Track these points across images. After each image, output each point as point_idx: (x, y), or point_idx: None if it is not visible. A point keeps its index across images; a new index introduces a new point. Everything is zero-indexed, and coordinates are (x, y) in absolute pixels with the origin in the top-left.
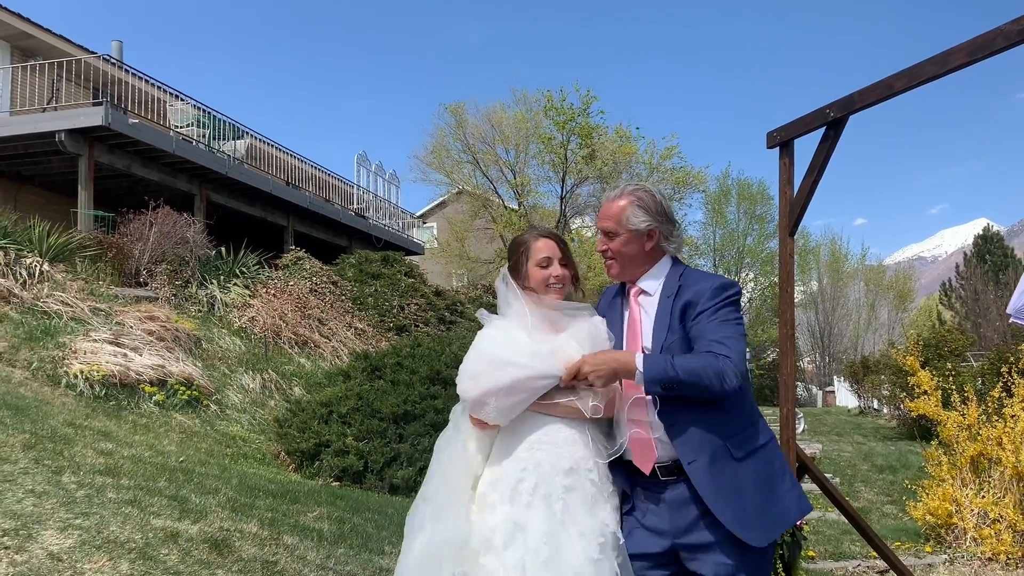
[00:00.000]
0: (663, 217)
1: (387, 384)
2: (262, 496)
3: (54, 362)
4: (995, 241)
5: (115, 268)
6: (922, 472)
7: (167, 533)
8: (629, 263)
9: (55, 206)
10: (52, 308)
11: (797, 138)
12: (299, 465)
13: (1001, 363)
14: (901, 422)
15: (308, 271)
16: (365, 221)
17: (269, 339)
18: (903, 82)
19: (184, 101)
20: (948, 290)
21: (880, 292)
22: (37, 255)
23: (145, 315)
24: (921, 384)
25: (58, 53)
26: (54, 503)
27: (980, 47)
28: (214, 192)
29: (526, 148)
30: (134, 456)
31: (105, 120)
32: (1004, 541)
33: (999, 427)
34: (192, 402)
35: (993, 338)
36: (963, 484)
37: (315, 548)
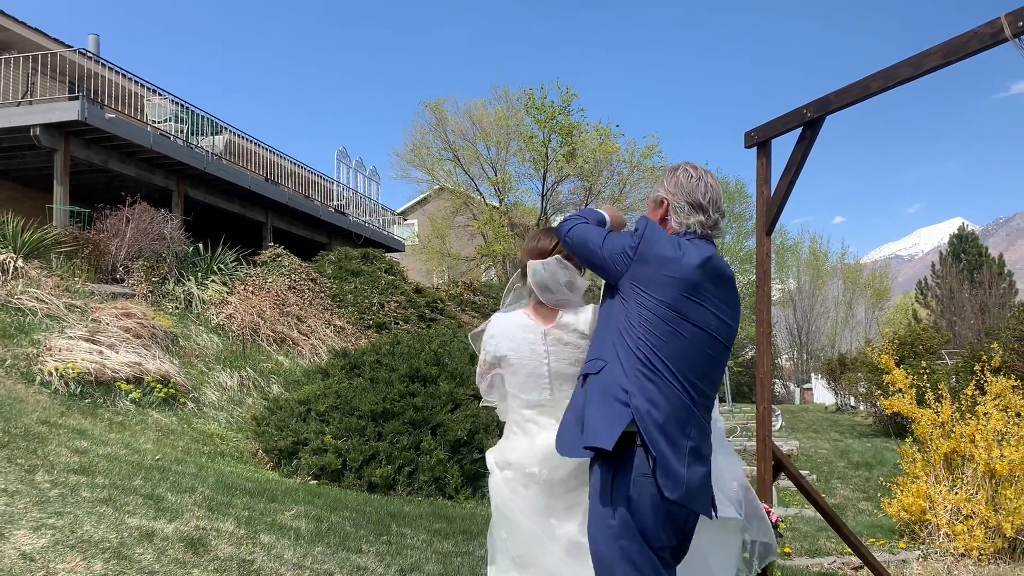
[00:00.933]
0: (676, 187)
1: (366, 382)
2: (239, 495)
3: (28, 359)
4: (970, 240)
5: (91, 264)
6: (897, 469)
7: (142, 532)
8: None
9: (30, 201)
10: (26, 305)
11: (774, 138)
12: (277, 463)
13: (975, 361)
14: (877, 419)
15: (287, 268)
16: (345, 218)
17: (247, 336)
18: (879, 83)
19: (162, 96)
20: (924, 289)
21: (857, 290)
22: (11, 251)
23: (121, 312)
24: (896, 382)
25: (33, 46)
26: (27, 502)
27: (955, 49)
28: (192, 188)
29: (507, 145)
30: (109, 455)
31: (81, 115)
32: (976, 537)
33: (972, 425)
34: (169, 400)
35: (967, 336)
36: (937, 481)
37: (292, 547)
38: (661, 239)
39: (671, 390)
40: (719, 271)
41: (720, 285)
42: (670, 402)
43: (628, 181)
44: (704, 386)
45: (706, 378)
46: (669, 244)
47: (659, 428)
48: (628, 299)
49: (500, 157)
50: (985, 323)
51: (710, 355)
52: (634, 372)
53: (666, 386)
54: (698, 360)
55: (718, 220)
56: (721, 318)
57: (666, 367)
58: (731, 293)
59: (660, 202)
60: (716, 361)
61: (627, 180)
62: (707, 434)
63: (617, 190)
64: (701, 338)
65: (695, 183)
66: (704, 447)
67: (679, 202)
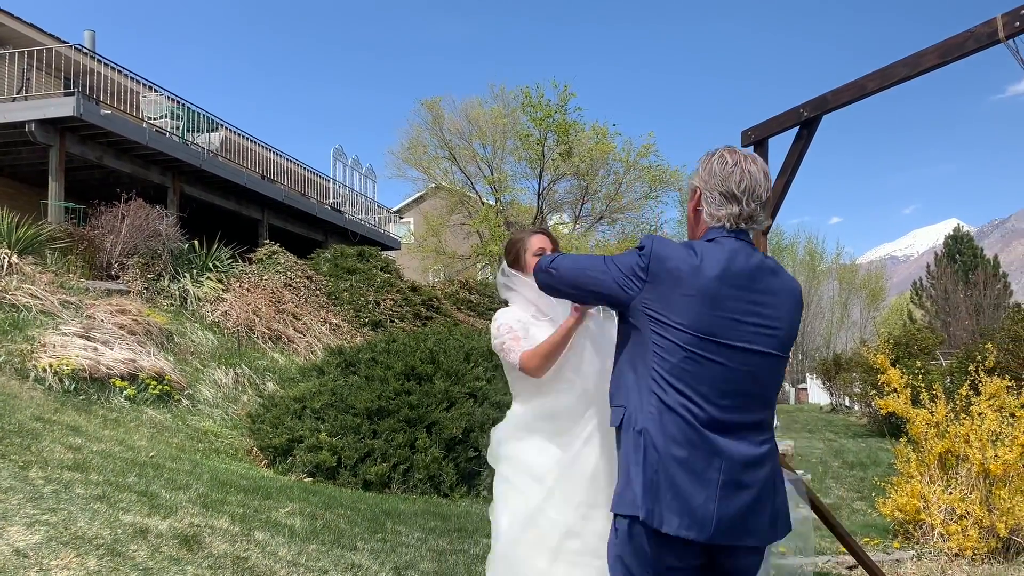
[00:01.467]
0: (709, 174)
1: (361, 380)
2: (234, 492)
3: (22, 356)
4: (965, 241)
5: (86, 261)
6: (891, 469)
7: (136, 529)
8: (689, 228)
9: (25, 197)
10: (21, 301)
11: (771, 137)
12: (271, 461)
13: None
14: (872, 419)
15: (283, 265)
16: (341, 216)
17: (242, 334)
18: (875, 83)
19: (158, 92)
20: (919, 289)
21: (853, 291)
22: (6, 247)
23: (116, 308)
24: (891, 382)
25: (29, 42)
26: (21, 499)
27: (951, 49)
28: (188, 185)
29: (503, 144)
30: (103, 451)
31: (77, 111)
32: (970, 537)
33: (967, 425)
34: (163, 397)
35: (962, 337)
36: (931, 481)
37: (287, 544)
38: (672, 253)
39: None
40: (748, 271)
41: (753, 287)
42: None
43: (624, 180)
44: (747, 405)
45: (749, 397)
46: (682, 256)
47: (681, 464)
48: (642, 328)
49: (496, 156)
50: (980, 324)
51: (750, 372)
52: (653, 409)
53: (692, 417)
54: (734, 381)
55: (755, 211)
56: (759, 325)
57: (690, 398)
58: (769, 292)
59: (693, 191)
60: (759, 376)
61: (623, 179)
62: (755, 458)
63: (613, 189)
64: (736, 357)
65: (729, 170)
66: (747, 475)
67: (711, 192)
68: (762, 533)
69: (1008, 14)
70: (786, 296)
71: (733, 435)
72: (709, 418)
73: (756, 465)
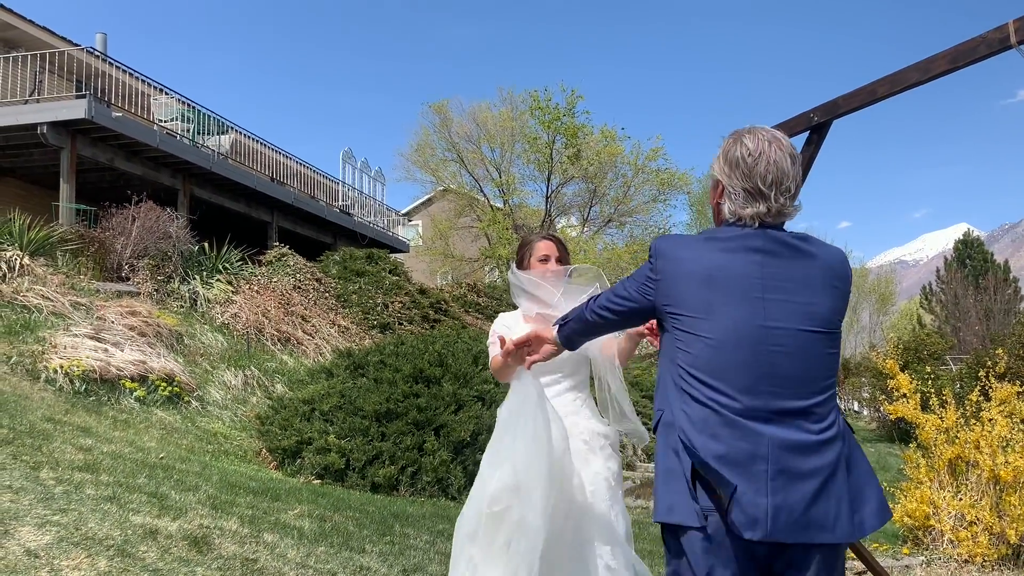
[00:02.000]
0: (732, 167)
1: (370, 382)
2: (243, 493)
3: (34, 357)
4: (975, 246)
5: (97, 263)
6: (901, 474)
7: (146, 530)
8: (716, 220)
9: (36, 199)
10: (32, 302)
11: None
12: (280, 463)
13: (979, 367)
14: (881, 424)
15: (292, 268)
16: (350, 218)
17: (252, 336)
18: (886, 88)
19: (168, 95)
20: (929, 294)
21: (862, 295)
22: (17, 248)
23: (126, 310)
24: (900, 387)
25: (41, 45)
26: (32, 499)
27: (963, 54)
28: (198, 187)
29: (512, 147)
30: (114, 452)
31: (88, 113)
32: (980, 543)
33: (976, 430)
34: (173, 398)
35: (972, 342)
36: (941, 487)
37: (295, 546)
38: (677, 244)
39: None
40: (767, 246)
41: (771, 263)
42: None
43: (632, 183)
44: (789, 388)
45: (788, 379)
46: (690, 244)
47: (720, 460)
48: (668, 328)
49: (504, 159)
50: (990, 329)
51: (783, 352)
52: (685, 406)
53: (724, 408)
54: (768, 364)
55: (784, 206)
56: (784, 300)
57: (720, 390)
58: (793, 267)
59: (716, 184)
60: (795, 356)
61: (631, 183)
62: (808, 445)
63: (621, 192)
64: (764, 338)
65: (752, 161)
66: (802, 463)
67: (734, 187)
68: (841, 527)
69: (1020, 19)
70: (821, 266)
71: (778, 423)
72: (745, 407)
73: (812, 451)
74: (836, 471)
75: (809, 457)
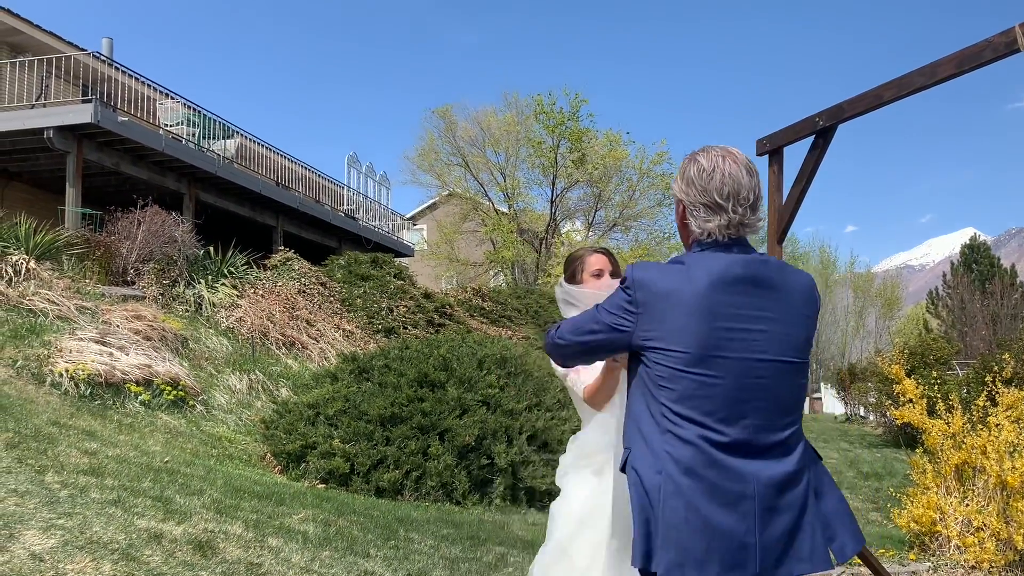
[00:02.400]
0: (687, 184)
1: (375, 386)
2: (247, 498)
3: (39, 360)
4: (982, 251)
5: (102, 267)
6: (907, 480)
7: (151, 534)
8: (683, 240)
9: (42, 203)
10: (38, 306)
11: (786, 146)
12: (285, 467)
13: (986, 372)
14: (887, 430)
15: (297, 272)
16: (355, 222)
17: (256, 340)
18: (892, 92)
19: (174, 99)
20: (935, 299)
21: (868, 300)
22: (23, 252)
23: (132, 314)
24: (906, 392)
25: (48, 50)
26: (37, 503)
27: (968, 59)
28: (203, 191)
29: (516, 152)
30: (119, 456)
31: (94, 118)
32: (987, 549)
33: (983, 436)
34: (178, 402)
35: (979, 347)
36: (947, 492)
37: (300, 550)
38: (656, 275)
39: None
40: (746, 275)
41: (754, 291)
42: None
43: (637, 188)
44: (771, 420)
45: (771, 411)
46: (669, 274)
47: (705, 499)
48: (646, 361)
49: (509, 163)
50: (996, 334)
51: (765, 384)
52: (669, 447)
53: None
54: (751, 397)
55: (744, 217)
56: (767, 332)
57: (705, 425)
58: (774, 294)
59: (678, 204)
60: (777, 387)
61: (636, 187)
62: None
63: (626, 197)
64: (747, 370)
65: (708, 176)
66: (783, 497)
67: (694, 203)
68: (817, 556)
69: None
70: (795, 295)
71: (762, 458)
72: (731, 442)
73: (789, 484)
74: (807, 501)
75: (787, 490)
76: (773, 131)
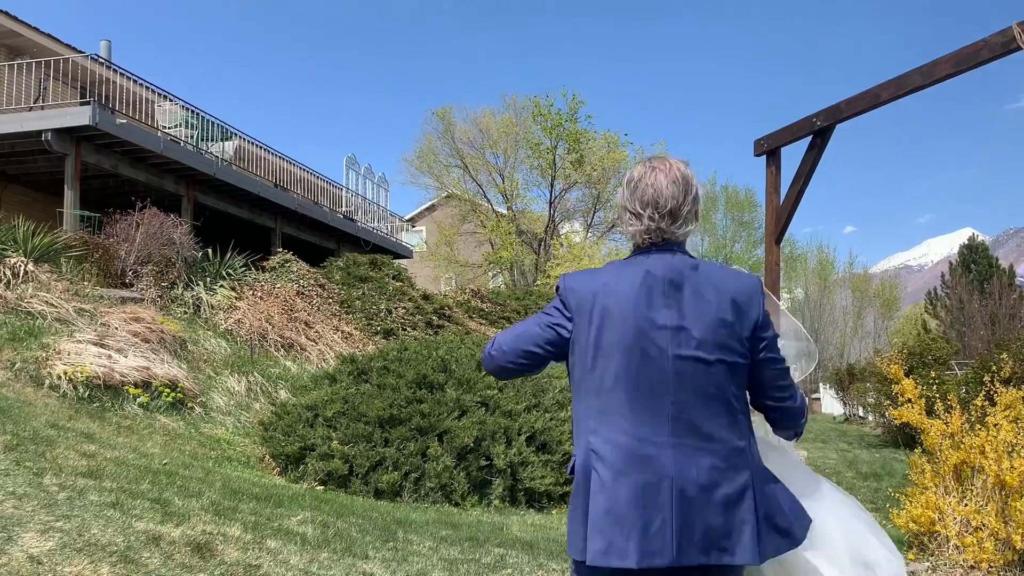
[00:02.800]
0: (623, 192)
1: (373, 388)
2: (246, 499)
3: (37, 363)
4: (980, 251)
5: (101, 269)
6: (906, 480)
7: (149, 536)
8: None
9: (40, 205)
10: (36, 308)
11: (784, 146)
12: (284, 469)
13: (984, 372)
14: (886, 430)
15: (295, 273)
16: (354, 224)
17: (255, 341)
18: (889, 92)
19: (172, 102)
20: (933, 299)
21: (867, 300)
22: (22, 255)
23: (130, 316)
24: (905, 392)
25: (46, 52)
26: (35, 505)
27: (966, 58)
28: (201, 193)
29: (515, 153)
30: (117, 458)
31: (92, 120)
32: (986, 549)
33: (982, 436)
34: (177, 404)
35: (977, 347)
36: (946, 492)
37: (299, 552)
38: (582, 280)
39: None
40: (667, 276)
41: (670, 294)
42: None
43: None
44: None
45: (690, 407)
46: (594, 279)
47: (626, 491)
48: (576, 363)
49: (508, 164)
50: (995, 334)
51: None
52: (591, 440)
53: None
54: (669, 394)
55: (661, 223)
56: (682, 329)
57: (626, 421)
58: (686, 299)
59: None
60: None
61: None
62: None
63: None
64: (665, 368)
65: (635, 186)
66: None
67: (623, 209)
68: (743, 549)
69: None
70: (712, 298)
71: (680, 450)
72: (648, 438)
73: (717, 478)
74: (738, 497)
75: (715, 485)
76: (771, 131)
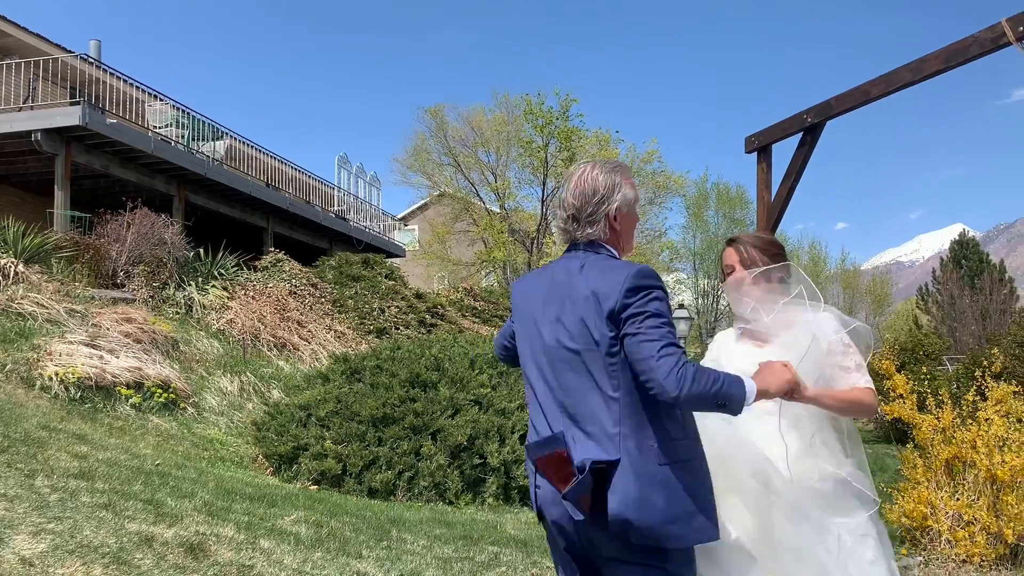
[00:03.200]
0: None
1: (366, 387)
2: (239, 500)
3: (28, 364)
4: (971, 247)
5: (92, 269)
6: (898, 475)
7: (142, 537)
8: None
9: (31, 206)
10: (27, 309)
11: (775, 143)
12: (277, 468)
13: (976, 367)
14: (878, 425)
15: (288, 273)
16: (346, 223)
17: (247, 341)
18: (880, 88)
19: (163, 101)
20: (925, 295)
21: (858, 296)
22: (12, 256)
23: (122, 317)
24: (897, 388)
25: (35, 52)
26: (27, 507)
27: (955, 54)
28: (193, 193)
29: (507, 151)
30: (109, 459)
31: (82, 120)
32: (978, 543)
33: (973, 430)
34: (169, 405)
35: (968, 342)
36: (938, 487)
37: (292, 552)
38: (521, 281)
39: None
40: (556, 271)
41: (551, 290)
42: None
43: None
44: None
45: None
46: (526, 280)
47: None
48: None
49: (500, 163)
50: (986, 329)
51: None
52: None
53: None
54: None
55: (567, 227)
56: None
57: (536, 405)
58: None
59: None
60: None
61: None
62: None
63: None
64: (551, 357)
65: (563, 186)
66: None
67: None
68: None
69: (1013, 18)
70: (582, 290)
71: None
72: (546, 423)
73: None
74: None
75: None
76: (762, 128)
